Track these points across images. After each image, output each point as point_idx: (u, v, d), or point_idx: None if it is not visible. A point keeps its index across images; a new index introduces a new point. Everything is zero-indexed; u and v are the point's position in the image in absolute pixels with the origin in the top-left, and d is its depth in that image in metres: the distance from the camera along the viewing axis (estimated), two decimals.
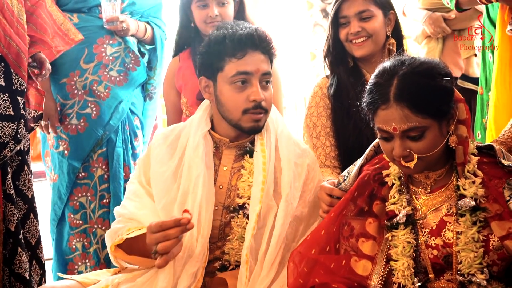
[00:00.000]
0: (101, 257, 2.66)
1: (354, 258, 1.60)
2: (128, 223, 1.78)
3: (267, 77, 1.81)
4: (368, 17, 2.17)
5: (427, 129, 1.50)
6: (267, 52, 1.82)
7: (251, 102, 1.77)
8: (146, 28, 2.79)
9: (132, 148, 2.77)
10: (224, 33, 1.79)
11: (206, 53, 1.83)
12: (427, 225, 1.57)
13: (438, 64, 1.55)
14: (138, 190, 1.84)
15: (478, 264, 1.49)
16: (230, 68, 1.77)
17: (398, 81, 1.51)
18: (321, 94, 2.26)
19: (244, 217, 1.80)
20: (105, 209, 2.69)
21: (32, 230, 2.28)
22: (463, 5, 2.61)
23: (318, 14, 4.00)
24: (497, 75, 2.44)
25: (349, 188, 1.70)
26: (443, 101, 1.51)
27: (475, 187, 1.53)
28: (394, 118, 1.49)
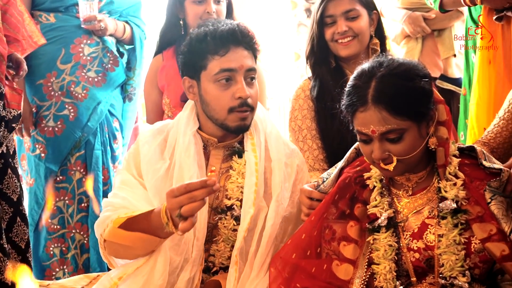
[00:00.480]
0: (80, 263, 2.62)
1: (335, 262, 1.59)
2: (120, 210, 1.70)
3: (251, 73, 1.77)
4: (355, 17, 2.16)
5: (405, 131, 1.49)
6: (250, 48, 1.78)
7: (237, 100, 1.73)
8: (125, 28, 2.76)
9: (111, 150, 2.74)
10: (205, 30, 1.76)
11: (188, 52, 1.79)
12: (408, 228, 1.56)
13: (416, 65, 1.54)
14: (131, 181, 1.77)
15: (460, 267, 1.48)
16: (213, 66, 1.74)
17: (376, 83, 1.49)
18: (304, 96, 2.24)
19: (232, 219, 1.77)
20: (84, 214, 2.65)
21: (20, 234, 2.23)
22: (447, 6, 2.62)
23: (302, 14, 3.98)
24: (478, 74, 2.45)
25: (328, 190, 1.69)
26: (422, 103, 1.50)
27: (456, 189, 1.52)
28: (373, 120, 1.48)
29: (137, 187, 1.75)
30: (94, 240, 2.60)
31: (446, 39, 3.07)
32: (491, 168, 1.52)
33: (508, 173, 1.52)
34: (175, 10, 2.53)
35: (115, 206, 1.71)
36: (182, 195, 1.42)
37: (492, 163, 1.56)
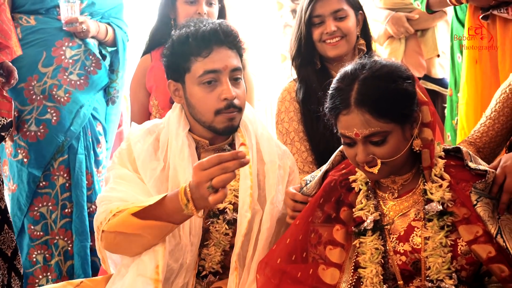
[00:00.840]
0: (64, 269, 2.59)
1: (321, 266, 1.57)
2: (118, 203, 1.65)
3: (237, 73, 1.74)
4: (343, 17, 2.16)
5: (389, 134, 1.48)
6: (234, 47, 1.75)
7: (223, 101, 1.71)
8: (107, 30, 2.74)
9: (94, 155, 2.71)
10: (187, 31, 1.73)
11: (170, 55, 1.76)
12: (395, 230, 1.55)
13: (399, 67, 1.53)
14: (128, 175, 1.72)
15: (447, 269, 1.47)
16: (197, 68, 1.71)
17: (358, 86, 1.48)
18: (289, 98, 2.23)
19: (224, 223, 1.76)
20: (67, 219, 2.62)
21: (7, 241, 2.20)
22: (434, 6, 2.64)
23: (289, 15, 3.95)
24: (466, 75, 2.46)
25: (311, 192, 1.68)
26: (405, 105, 1.49)
27: (442, 191, 1.51)
28: (356, 123, 1.47)
29: (135, 181, 1.70)
30: (78, 246, 2.58)
31: (429, 39, 3.07)
32: (477, 169, 1.51)
33: (494, 174, 1.52)
34: (166, 10, 2.52)
35: (113, 200, 1.65)
36: (212, 167, 1.41)
37: (478, 164, 1.55)
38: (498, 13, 2.34)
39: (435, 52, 3.07)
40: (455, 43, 2.64)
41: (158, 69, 2.52)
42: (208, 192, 1.43)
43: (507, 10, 2.32)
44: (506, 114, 1.96)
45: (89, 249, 2.60)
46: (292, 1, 3.94)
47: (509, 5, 2.32)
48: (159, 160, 1.74)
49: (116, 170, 1.74)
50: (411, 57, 3.06)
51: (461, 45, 2.55)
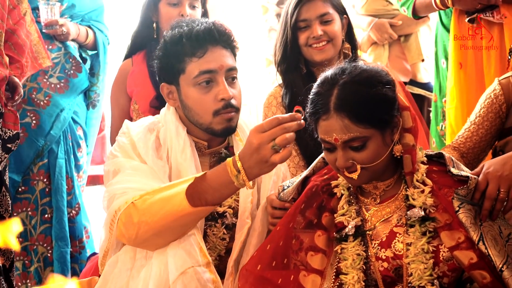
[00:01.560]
0: (43, 276, 2.56)
1: (302, 272, 1.56)
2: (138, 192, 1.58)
3: (233, 72, 1.72)
4: (329, 20, 2.15)
5: (369, 139, 1.47)
6: (229, 46, 1.73)
7: (220, 102, 1.68)
8: (88, 33, 2.72)
9: (75, 159, 2.69)
10: (180, 31, 1.70)
11: (163, 56, 1.73)
12: (377, 236, 1.54)
13: (379, 72, 1.52)
14: (141, 166, 1.66)
15: (429, 275, 1.46)
16: (192, 69, 1.68)
17: (338, 91, 1.48)
18: (276, 103, 2.22)
19: (222, 227, 1.74)
20: (47, 225, 2.59)
21: (7, 253, 2.18)
22: (420, 12, 2.65)
23: (274, 19, 3.96)
24: (453, 79, 2.46)
25: (288, 198, 1.67)
26: (384, 110, 1.48)
27: (424, 196, 1.51)
28: (335, 128, 1.46)
29: (150, 171, 1.65)
30: (58, 253, 2.56)
31: (413, 44, 3.08)
32: (459, 175, 1.51)
33: (476, 180, 1.51)
34: (149, 12, 2.50)
35: (129, 191, 1.58)
36: (273, 128, 1.43)
37: (460, 170, 1.54)
38: (484, 16, 2.35)
39: (420, 57, 3.08)
40: (440, 48, 2.64)
41: (139, 73, 2.51)
42: (270, 152, 1.43)
43: (492, 14, 2.33)
44: (490, 119, 1.96)
45: (69, 256, 2.57)
46: (277, 5, 3.94)
47: (494, 8, 2.33)
48: (163, 159, 1.70)
49: (124, 162, 1.68)
50: (395, 63, 3.08)
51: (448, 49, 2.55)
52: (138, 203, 1.53)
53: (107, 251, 1.65)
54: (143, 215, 1.52)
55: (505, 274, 1.41)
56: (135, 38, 2.57)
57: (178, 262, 1.53)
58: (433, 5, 2.49)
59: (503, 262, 1.42)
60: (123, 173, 1.65)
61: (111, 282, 1.59)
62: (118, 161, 1.69)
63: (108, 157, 1.74)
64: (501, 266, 1.41)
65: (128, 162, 1.67)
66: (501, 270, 1.41)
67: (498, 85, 1.99)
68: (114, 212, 1.56)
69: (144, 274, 1.54)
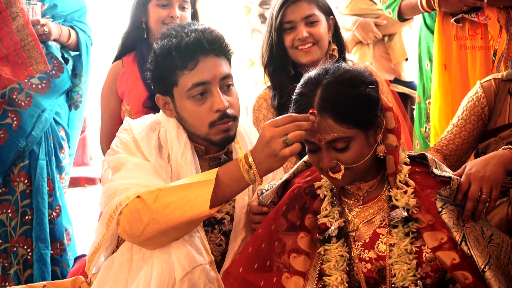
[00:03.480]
0: (22, 279, 2.53)
1: (285, 275, 1.55)
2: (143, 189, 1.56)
3: (227, 80, 1.68)
4: (315, 22, 2.15)
5: (352, 140, 1.47)
6: (221, 53, 1.68)
7: (216, 113, 1.65)
8: (70, 33, 2.70)
9: (57, 160, 2.67)
10: (169, 44, 1.65)
11: (155, 69, 1.69)
12: (360, 238, 1.54)
13: (362, 72, 1.52)
14: (145, 164, 1.64)
15: (412, 276, 1.47)
16: (184, 82, 1.64)
17: (321, 91, 1.48)
18: (266, 106, 2.22)
19: (220, 234, 1.72)
20: (27, 227, 2.56)
21: None
22: (405, 15, 2.66)
23: (256, 20, 3.94)
24: (437, 80, 2.47)
25: (266, 202, 1.67)
26: (368, 110, 1.48)
27: (406, 197, 1.51)
28: (319, 129, 1.46)
29: (154, 169, 1.63)
30: (38, 254, 2.53)
31: (397, 44, 3.11)
32: (441, 176, 1.51)
33: (458, 181, 1.52)
34: (138, 13, 2.48)
35: (132, 187, 1.56)
36: (286, 124, 1.46)
37: (443, 171, 1.55)
38: (469, 17, 2.37)
39: (404, 56, 3.11)
40: (423, 50, 2.66)
41: (130, 74, 2.49)
42: (281, 146, 1.45)
43: (477, 15, 2.36)
44: (472, 122, 1.98)
45: (50, 258, 2.54)
46: (260, 6, 3.93)
47: (478, 10, 2.36)
48: (164, 159, 1.68)
49: (126, 158, 1.65)
50: (379, 62, 3.10)
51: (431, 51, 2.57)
52: (148, 200, 1.51)
53: (98, 247, 1.63)
54: (156, 212, 1.50)
55: (487, 274, 1.42)
56: (125, 39, 2.54)
57: (185, 261, 1.52)
58: (419, 7, 2.50)
59: (485, 262, 1.43)
60: (126, 169, 1.62)
61: (108, 284, 1.57)
62: (119, 157, 1.66)
63: (108, 153, 1.70)
64: (483, 267, 1.42)
65: (131, 158, 1.64)
66: (483, 270, 1.42)
67: (480, 87, 2.01)
68: (114, 207, 1.54)
69: (144, 275, 1.53)
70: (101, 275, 1.60)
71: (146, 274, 1.52)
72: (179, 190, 1.53)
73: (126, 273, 1.56)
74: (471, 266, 1.43)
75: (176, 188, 1.53)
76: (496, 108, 1.99)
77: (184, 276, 1.51)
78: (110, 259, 1.61)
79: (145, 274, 1.52)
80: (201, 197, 1.49)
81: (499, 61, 2.29)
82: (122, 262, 1.58)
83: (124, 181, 1.59)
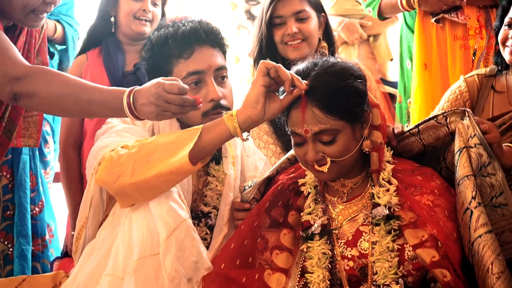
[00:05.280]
0: (2, 274, 2.48)
1: (267, 271, 1.55)
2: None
3: (222, 71, 1.70)
4: (305, 18, 2.14)
5: (339, 132, 1.47)
6: (217, 45, 1.70)
7: (210, 103, 1.65)
8: (56, 27, 2.67)
9: (41, 155, 2.64)
10: (166, 33, 1.67)
11: (150, 58, 1.70)
12: (343, 235, 1.55)
13: (351, 66, 1.53)
14: (136, 128, 1.64)
15: (393, 274, 1.47)
16: (179, 70, 1.66)
17: (310, 81, 1.47)
18: None
19: (205, 227, 1.72)
20: (9, 222, 2.51)
21: None
22: (385, 13, 2.67)
23: (243, 16, 3.91)
24: (417, 79, 2.49)
25: (248, 198, 1.66)
26: (355, 103, 1.48)
27: (389, 195, 1.51)
28: (306, 119, 1.45)
29: (144, 135, 1.63)
30: (19, 250, 2.48)
31: (382, 44, 3.11)
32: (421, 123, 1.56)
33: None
34: (108, 7, 2.42)
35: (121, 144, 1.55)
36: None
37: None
38: (449, 17, 2.39)
39: (389, 56, 3.11)
40: (404, 49, 2.68)
41: (95, 67, 2.42)
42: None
43: (457, 14, 2.38)
44: None
45: (31, 254, 2.51)
46: (246, 2, 3.91)
47: (458, 10, 2.37)
48: None
49: (118, 124, 1.66)
50: (364, 62, 3.09)
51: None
52: (131, 149, 1.50)
53: (84, 224, 1.63)
54: (138, 160, 1.48)
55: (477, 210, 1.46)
56: (91, 32, 2.47)
57: (168, 217, 1.50)
58: (399, 6, 2.51)
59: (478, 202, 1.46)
60: (115, 130, 1.63)
61: (89, 262, 1.57)
62: (111, 125, 1.67)
63: (102, 126, 1.70)
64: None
65: (124, 125, 1.66)
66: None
67: (463, 82, 2.03)
68: (99, 161, 1.53)
69: (122, 242, 1.50)
70: (82, 258, 1.60)
71: (123, 241, 1.50)
72: (164, 140, 1.52)
73: (109, 246, 1.55)
74: (451, 264, 1.44)
75: (160, 139, 1.53)
76: (479, 104, 2.01)
77: (170, 234, 1.49)
78: (91, 244, 1.60)
79: (123, 241, 1.50)
80: (183, 143, 1.48)
81: (478, 60, 2.32)
82: (104, 239, 1.58)
83: (112, 139, 1.60)
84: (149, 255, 1.48)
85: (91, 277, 1.53)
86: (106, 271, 1.50)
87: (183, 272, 1.49)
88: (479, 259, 1.43)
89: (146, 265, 1.47)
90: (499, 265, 1.42)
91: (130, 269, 1.47)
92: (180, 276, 1.48)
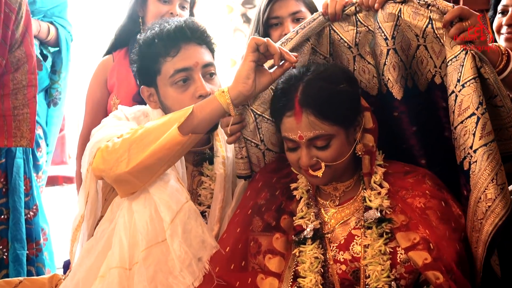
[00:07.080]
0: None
1: (260, 275, 1.55)
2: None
3: (209, 68, 1.70)
4: (301, 18, 2.15)
5: (333, 138, 1.47)
6: (203, 42, 1.71)
7: (199, 99, 1.65)
8: (49, 29, 2.67)
9: (34, 159, 2.63)
10: (152, 33, 1.69)
11: (139, 59, 1.72)
12: (335, 239, 1.54)
13: (344, 70, 1.53)
14: (128, 123, 1.66)
15: (386, 277, 1.47)
16: (167, 69, 1.67)
17: (303, 87, 1.47)
18: None
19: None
20: (3, 226, 2.52)
21: None
22: None
23: (239, 19, 3.93)
24: None
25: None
26: (348, 107, 1.48)
27: (380, 198, 1.51)
28: (300, 125, 1.45)
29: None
30: (14, 254, 2.49)
31: None
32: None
33: None
34: (136, 7, 2.42)
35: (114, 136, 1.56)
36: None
37: None
38: None
39: None
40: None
41: (120, 68, 2.44)
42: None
43: None
44: None
45: (26, 258, 2.51)
46: (242, 5, 3.92)
47: None
48: None
49: (111, 120, 1.68)
50: None
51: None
52: (127, 135, 1.53)
53: (81, 221, 1.64)
54: (133, 142, 1.50)
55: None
56: (120, 32, 2.48)
57: (171, 201, 1.54)
58: None
59: None
60: (108, 125, 1.65)
61: (88, 258, 1.58)
62: (105, 121, 1.70)
63: (95, 128, 1.72)
64: None
65: (116, 121, 1.68)
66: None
67: None
68: (94, 153, 1.54)
69: (125, 233, 1.53)
70: (81, 256, 1.61)
71: (126, 233, 1.53)
72: (156, 123, 1.55)
73: (109, 241, 1.57)
74: (444, 266, 1.43)
75: (153, 123, 1.56)
76: None
77: (174, 217, 1.52)
78: (89, 242, 1.61)
79: (125, 233, 1.53)
80: (175, 121, 1.51)
81: None
82: (102, 234, 1.59)
83: (107, 131, 1.61)
84: (155, 243, 1.52)
85: (89, 274, 1.55)
86: (112, 264, 1.52)
87: (193, 252, 1.53)
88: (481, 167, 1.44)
89: (154, 253, 1.51)
90: (502, 176, 1.43)
91: (138, 259, 1.51)
92: (190, 257, 1.52)
